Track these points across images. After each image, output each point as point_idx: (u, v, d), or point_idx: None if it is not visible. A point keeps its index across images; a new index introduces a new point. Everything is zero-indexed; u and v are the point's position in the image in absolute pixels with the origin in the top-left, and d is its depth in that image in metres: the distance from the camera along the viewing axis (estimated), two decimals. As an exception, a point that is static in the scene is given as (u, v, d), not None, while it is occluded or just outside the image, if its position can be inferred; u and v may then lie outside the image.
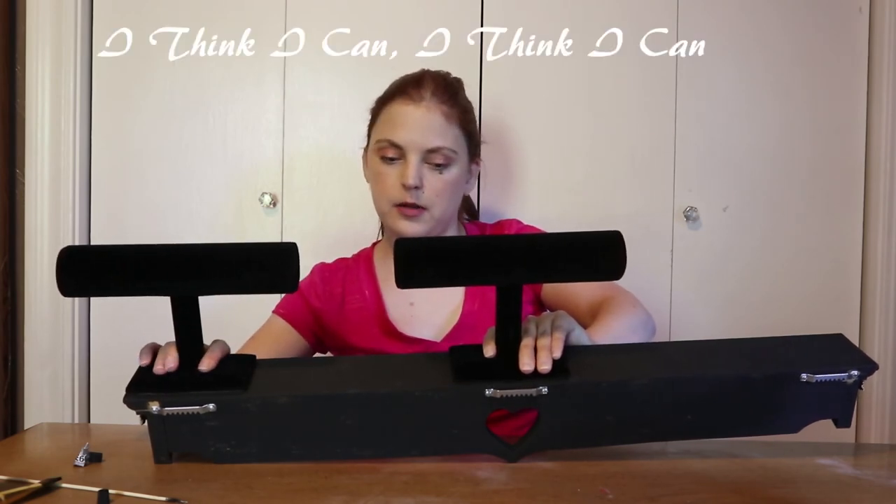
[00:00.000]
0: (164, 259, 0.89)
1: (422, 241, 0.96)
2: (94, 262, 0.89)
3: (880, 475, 0.92)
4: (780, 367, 0.94)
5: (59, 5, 1.66)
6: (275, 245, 0.91)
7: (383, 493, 0.81)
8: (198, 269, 0.89)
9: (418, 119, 1.23)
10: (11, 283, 1.72)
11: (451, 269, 0.90)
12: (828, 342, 1.00)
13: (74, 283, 0.88)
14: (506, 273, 0.90)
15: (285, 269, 0.90)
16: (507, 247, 0.92)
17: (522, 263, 0.90)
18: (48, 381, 1.69)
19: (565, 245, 0.91)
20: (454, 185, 1.26)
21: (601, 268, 0.91)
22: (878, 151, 1.65)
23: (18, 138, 1.71)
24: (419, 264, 0.89)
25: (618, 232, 0.91)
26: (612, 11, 1.65)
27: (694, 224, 1.67)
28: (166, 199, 1.69)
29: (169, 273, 0.88)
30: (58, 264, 0.87)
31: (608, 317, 1.15)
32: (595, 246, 0.91)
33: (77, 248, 0.91)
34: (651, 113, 1.66)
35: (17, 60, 1.71)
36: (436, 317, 1.27)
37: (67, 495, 0.80)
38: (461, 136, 1.27)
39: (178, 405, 0.90)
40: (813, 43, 1.67)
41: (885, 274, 1.65)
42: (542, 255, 0.90)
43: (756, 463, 0.95)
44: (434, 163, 1.23)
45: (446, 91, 1.26)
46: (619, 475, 0.89)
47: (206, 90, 1.69)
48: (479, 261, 0.90)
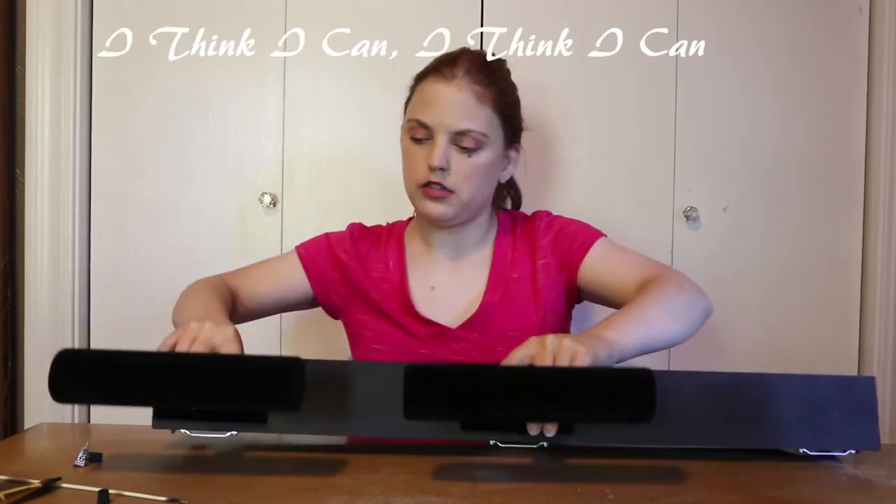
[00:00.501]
0: (161, 372, 0.85)
1: (435, 370, 0.88)
2: (89, 370, 0.86)
3: (880, 475, 0.92)
4: (781, 442, 0.97)
5: (59, 5, 1.65)
6: (278, 360, 0.86)
7: (383, 493, 0.81)
8: (196, 384, 0.85)
9: (448, 98, 1.17)
10: (11, 283, 1.72)
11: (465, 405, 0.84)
12: (850, 397, 0.97)
13: (67, 391, 0.85)
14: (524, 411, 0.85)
15: (287, 387, 0.85)
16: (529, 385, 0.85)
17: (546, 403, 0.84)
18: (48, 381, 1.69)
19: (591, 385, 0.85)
20: (485, 170, 1.20)
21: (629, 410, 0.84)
22: (878, 151, 1.65)
23: (18, 138, 1.71)
24: (428, 396, 0.84)
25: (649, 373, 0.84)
26: (612, 11, 1.65)
27: (694, 224, 1.67)
28: (166, 199, 1.69)
29: (163, 387, 0.85)
30: (51, 369, 0.85)
31: (646, 302, 1.07)
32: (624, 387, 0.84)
33: (73, 353, 0.89)
34: (651, 113, 1.66)
35: (17, 60, 1.71)
36: (455, 302, 1.25)
37: (67, 495, 0.80)
38: (495, 119, 1.20)
39: (205, 431, 0.99)
40: (813, 43, 1.67)
41: (885, 274, 1.65)
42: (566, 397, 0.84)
43: (756, 463, 0.95)
44: (463, 146, 1.17)
45: (482, 70, 1.19)
46: (619, 475, 0.89)
47: (206, 90, 1.69)
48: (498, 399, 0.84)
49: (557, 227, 1.28)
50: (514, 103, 1.26)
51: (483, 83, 1.18)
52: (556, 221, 1.30)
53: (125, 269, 1.69)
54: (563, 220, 1.31)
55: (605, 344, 0.95)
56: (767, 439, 0.97)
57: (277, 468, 0.91)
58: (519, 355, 0.92)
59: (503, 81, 1.23)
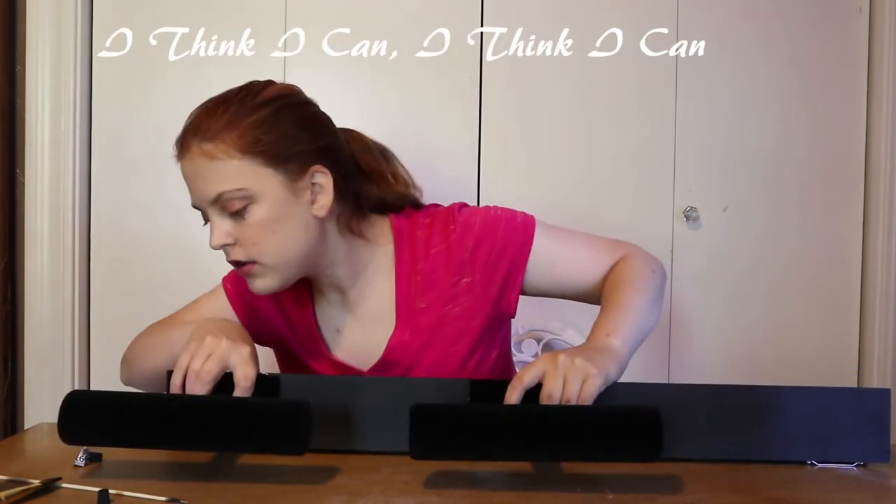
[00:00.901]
0: (168, 416, 0.86)
1: (440, 410, 0.86)
2: (99, 412, 0.87)
3: (880, 475, 0.92)
4: (790, 454, 0.95)
5: (59, 5, 1.65)
6: (285, 405, 0.86)
7: (383, 493, 0.81)
8: (204, 427, 0.86)
9: (189, 174, 1.01)
10: (11, 283, 1.72)
11: (472, 447, 0.84)
12: (861, 409, 0.96)
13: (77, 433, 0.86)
14: (531, 451, 0.86)
15: (294, 431, 0.85)
16: (538, 424, 0.84)
17: (553, 443, 0.84)
18: (48, 381, 1.69)
19: (598, 426, 0.85)
20: (273, 224, 0.99)
21: (636, 449, 0.84)
22: (878, 151, 1.65)
23: (18, 138, 1.71)
24: (434, 437, 0.84)
25: (656, 411, 0.84)
26: (612, 11, 1.65)
27: (694, 224, 1.67)
28: (166, 199, 1.69)
29: (172, 431, 0.86)
30: (61, 411, 0.85)
31: (633, 295, 1.01)
32: (631, 427, 0.84)
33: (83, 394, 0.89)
34: (651, 113, 1.66)
35: (17, 60, 1.71)
36: (363, 343, 1.10)
37: (67, 495, 0.80)
38: (249, 165, 0.98)
39: None
40: (813, 43, 1.67)
41: (885, 274, 1.65)
42: (573, 438, 0.84)
43: (756, 464, 0.95)
44: (231, 211, 0.98)
45: (207, 121, 1.00)
46: (619, 475, 0.89)
47: (206, 90, 1.68)
48: (506, 440, 0.84)
49: (479, 231, 1.07)
50: (274, 128, 1.00)
51: (210, 136, 0.99)
52: (474, 221, 1.08)
53: (125, 269, 1.69)
54: (482, 217, 1.08)
55: (615, 358, 0.93)
56: (775, 452, 0.96)
57: (277, 469, 0.91)
58: (529, 376, 0.89)
59: (245, 116, 1.00)
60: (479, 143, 1.66)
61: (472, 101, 1.66)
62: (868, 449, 0.95)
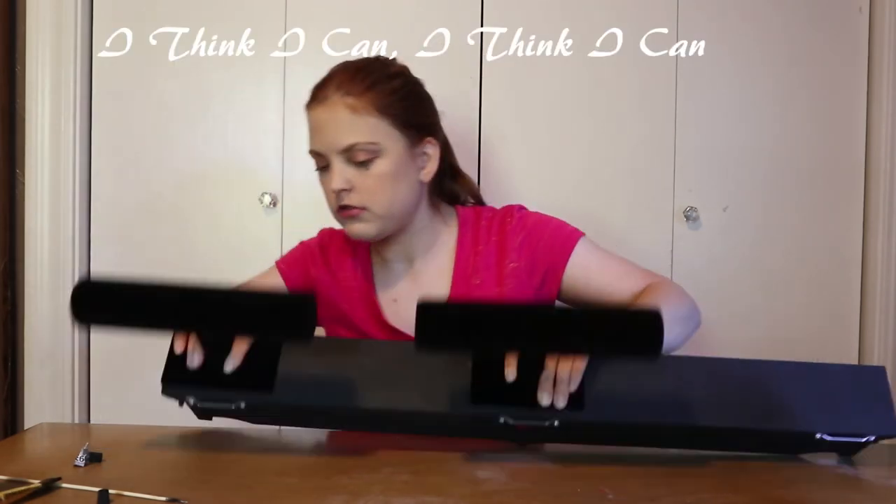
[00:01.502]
0: (179, 301, 0.89)
1: (446, 307, 0.93)
2: (110, 298, 0.90)
3: (880, 475, 0.92)
4: (798, 424, 0.94)
5: (59, 5, 1.65)
6: (292, 295, 0.91)
7: (383, 493, 0.81)
8: (210, 314, 0.89)
9: (325, 121, 1.14)
10: (11, 283, 1.72)
11: (475, 338, 0.88)
12: (862, 385, 0.97)
13: (88, 314, 0.89)
14: (532, 344, 0.88)
15: (300, 320, 0.89)
16: (537, 320, 0.89)
17: (554, 337, 0.88)
18: (48, 381, 1.69)
19: (599, 321, 0.88)
20: (390, 178, 1.14)
21: (636, 347, 0.88)
22: (878, 151, 1.66)
23: (18, 138, 1.71)
24: (441, 329, 0.88)
25: (656, 312, 0.87)
26: (612, 11, 1.65)
27: (694, 224, 1.67)
28: (166, 199, 1.69)
29: (182, 315, 0.89)
30: (72, 296, 0.89)
31: (657, 303, 1.04)
32: (631, 324, 0.88)
33: (94, 281, 0.92)
34: (651, 113, 1.66)
35: (17, 60, 1.71)
36: None
37: (67, 495, 0.80)
38: (382, 124, 1.13)
39: (212, 401, 0.94)
40: (813, 43, 1.67)
41: (885, 274, 1.65)
42: (575, 332, 0.87)
43: (756, 463, 0.95)
44: (357, 161, 1.13)
45: (353, 80, 1.14)
46: (619, 475, 0.89)
47: (206, 90, 1.69)
48: (508, 332, 0.88)
49: (530, 227, 1.21)
50: (405, 99, 1.17)
51: (355, 92, 1.13)
52: (529, 219, 1.22)
53: (125, 269, 1.69)
54: (536, 218, 1.23)
55: None
56: (784, 422, 0.94)
57: (277, 468, 0.91)
58: None
59: (384, 82, 1.16)
60: (479, 143, 1.66)
61: (472, 101, 1.66)
62: (876, 423, 0.94)
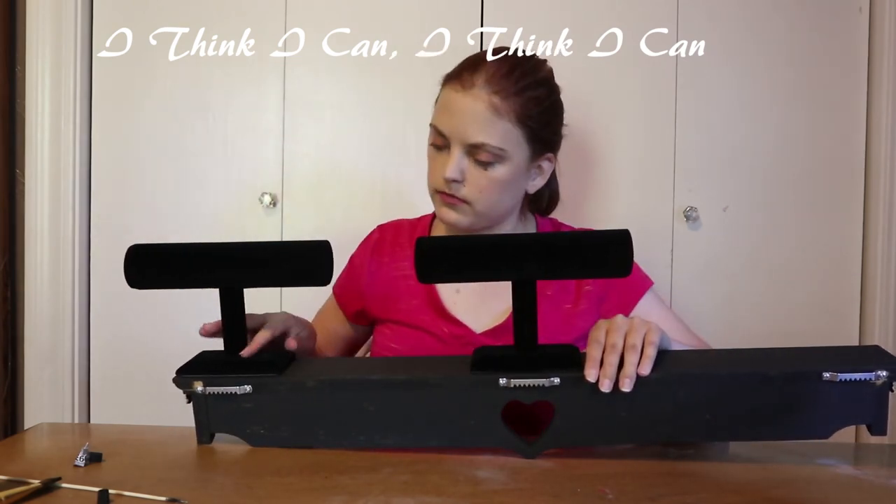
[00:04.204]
0: (213, 256, 1.00)
1: (438, 240, 1.02)
2: (155, 259, 1.01)
3: (880, 475, 0.92)
4: (800, 365, 0.93)
5: (59, 5, 1.66)
6: (310, 243, 1.00)
7: (383, 493, 0.81)
8: (240, 264, 1.00)
9: (463, 109, 1.11)
10: (11, 283, 1.72)
11: (466, 265, 0.96)
12: (860, 350, 0.99)
13: (141, 278, 1.01)
14: (517, 269, 0.95)
15: (319, 263, 0.99)
16: (517, 245, 0.96)
17: (533, 260, 0.94)
18: (48, 381, 1.69)
19: (575, 243, 0.97)
20: (503, 185, 1.13)
21: (609, 265, 0.95)
22: (878, 151, 1.65)
23: (18, 138, 1.71)
24: (435, 261, 0.96)
25: (626, 231, 0.94)
26: (612, 11, 1.65)
27: (694, 224, 1.67)
28: (166, 198, 1.69)
29: (217, 268, 1.00)
30: (126, 260, 0.99)
31: None
32: (604, 244, 0.95)
33: (141, 247, 1.00)
34: (651, 113, 1.66)
35: (17, 60, 1.71)
36: (482, 307, 1.20)
37: (67, 495, 0.80)
38: (515, 133, 1.11)
39: (219, 385, 0.99)
40: (813, 43, 1.67)
41: (885, 274, 1.65)
42: (552, 253, 0.95)
43: (756, 463, 0.95)
44: (478, 159, 1.11)
45: (506, 78, 1.11)
46: (619, 475, 0.89)
47: (206, 90, 1.69)
48: (492, 258, 0.96)
49: None
50: (545, 112, 1.16)
51: (503, 94, 1.10)
52: None
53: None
54: None
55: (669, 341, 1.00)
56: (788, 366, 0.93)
57: (277, 468, 0.91)
58: (592, 337, 0.96)
59: (533, 89, 1.13)
60: (479, 143, 1.66)
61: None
62: (884, 362, 0.92)
